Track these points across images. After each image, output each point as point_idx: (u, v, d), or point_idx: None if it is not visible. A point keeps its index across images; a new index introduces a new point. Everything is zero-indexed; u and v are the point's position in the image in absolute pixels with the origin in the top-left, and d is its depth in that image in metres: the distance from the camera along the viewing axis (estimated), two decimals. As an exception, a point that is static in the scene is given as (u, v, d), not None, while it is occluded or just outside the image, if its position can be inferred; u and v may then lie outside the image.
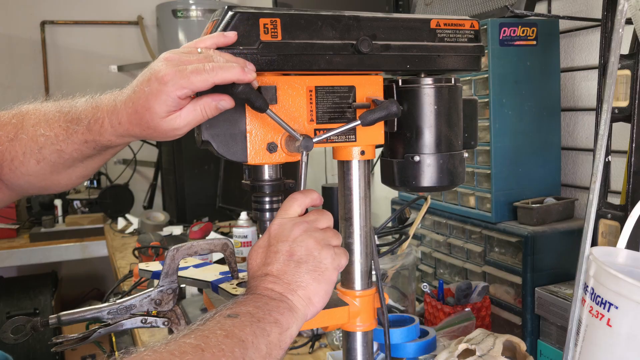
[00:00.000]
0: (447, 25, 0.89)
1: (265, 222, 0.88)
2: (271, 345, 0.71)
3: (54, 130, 0.87)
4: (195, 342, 0.65)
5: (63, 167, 0.91)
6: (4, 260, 3.18)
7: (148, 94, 0.76)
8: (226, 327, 0.69)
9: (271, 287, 0.78)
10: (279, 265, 0.79)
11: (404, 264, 1.51)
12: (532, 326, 1.36)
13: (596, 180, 0.91)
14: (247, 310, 0.73)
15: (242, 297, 0.77)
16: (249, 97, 0.76)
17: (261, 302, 0.75)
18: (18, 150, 0.90)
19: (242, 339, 0.68)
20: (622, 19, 0.92)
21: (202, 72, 0.73)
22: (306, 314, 0.78)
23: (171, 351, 0.63)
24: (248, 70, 0.75)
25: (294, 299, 0.77)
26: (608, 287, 0.78)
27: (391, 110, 0.82)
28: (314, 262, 0.80)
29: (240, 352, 0.66)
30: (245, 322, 0.70)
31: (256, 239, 2.03)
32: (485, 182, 1.47)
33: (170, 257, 0.90)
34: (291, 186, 0.88)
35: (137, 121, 0.78)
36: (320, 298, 0.80)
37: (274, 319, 0.73)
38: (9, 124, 0.93)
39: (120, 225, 3.19)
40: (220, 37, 0.77)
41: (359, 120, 0.83)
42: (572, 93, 1.55)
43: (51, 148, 0.88)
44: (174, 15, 3.81)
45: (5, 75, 4.09)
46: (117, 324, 0.87)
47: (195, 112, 0.77)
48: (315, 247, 0.80)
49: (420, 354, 1.18)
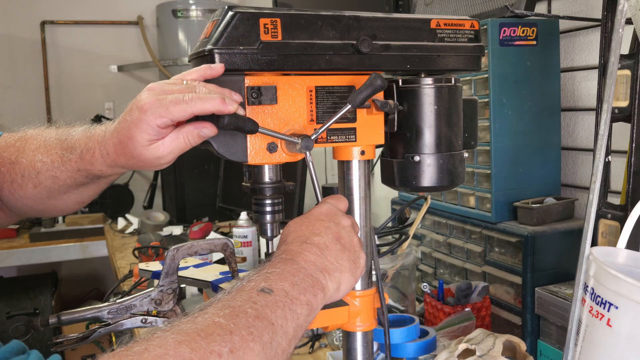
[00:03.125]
0: (447, 25, 0.89)
1: (266, 225, 0.87)
2: (298, 327, 0.71)
3: (50, 157, 0.90)
4: (224, 322, 0.63)
5: (58, 193, 0.93)
6: (4, 260, 3.18)
7: (130, 123, 0.77)
8: (258, 306, 0.67)
9: (313, 260, 0.77)
10: (326, 240, 0.80)
11: (404, 264, 1.51)
12: (532, 326, 1.36)
13: (596, 180, 0.91)
14: (282, 288, 0.71)
15: (280, 263, 0.75)
16: (236, 127, 0.77)
17: (298, 277, 0.74)
18: (17, 173, 0.93)
19: (273, 322, 0.67)
20: (622, 19, 0.92)
21: (180, 102, 0.74)
22: (332, 297, 0.78)
23: (198, 332, 0.61)
24: (229, 102, 0.75)
25: (329, 279, 0.77)
26: (608, 287, 0.78)
27: (376, 84, 0.81)
28: (355, 255, 0.81)
29: (268, 337, 0.65)
30: (278, 302, 0.69)
31: (256, 239, 2.04)
32: (485, 182, 1.47)
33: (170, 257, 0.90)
34: (291, 188, 0.88)
35: (122, 151, 0.80)
36: (347, 288, 0.80)
37: (307, 301, 0.72)
38: (13, 146, 0.96)
39: (120, 225, 3.19)
40: (207, 70, 0.79)
41: (348, 104, 0.82)
42: (572, 93, 1.55)
43: (47, 174, 0.90)
44: (174, 15, 3.81)
45: (5, 75, 4.09)
46: (117, 324, 0.87)
47: (178, 140, 0.78)
48: (357, 245, 0.83)
49: (420, 354, 1.18)
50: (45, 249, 3.24)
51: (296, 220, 0.83)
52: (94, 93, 4.27)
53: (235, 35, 0.78)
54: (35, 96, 4.16)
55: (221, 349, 0.59)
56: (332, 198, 0.87)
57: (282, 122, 0.83)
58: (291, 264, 0.76)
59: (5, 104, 4.09)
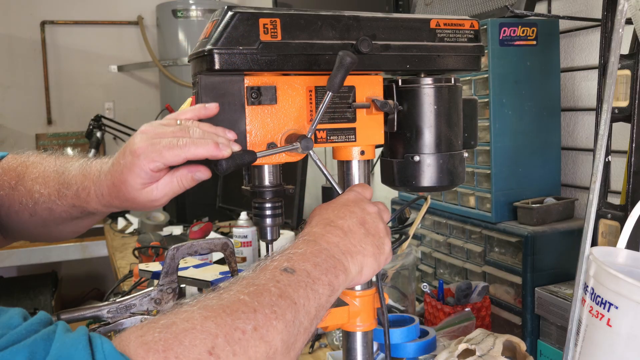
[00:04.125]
0: (447, 25, 0.89)
1: (266, 228, 0.87)
2: (320, 307, 0.71)
3: (48, 189, 0.89)
4: (248, 300, 0.64)
5: (54, 224, 0.94)
6: (4, 260, 3.18)
7: (123, 167, 0.77)
8: (281, 285, 0.68)
9: (336, 242, 0.77)
10: (350, 224, 0.80)
11: (404, 264, 1.51)
12: (532, 326, 1.35)
13: (596, 180, 0.91)
14: (304, 268, 0.72)
15: (303, 245, 0.76)
16: (236, 167, 0.76)
17: (320, 258, 0.74)
18: (16, 200, 0.93)
19: (295, 301, 0.67)
20: (622, 19, 0.92)
21: (174, 147, 0.74)
22: (354, 280, 0.78)
23: (223, 308, 0.62)
24: (222, 146, 0.75)
25: (351, 261, 0.77)
26: (608, 287, 0.78)
27: (346, 62, 0.78)
28: (379, 241, 0.81)
29: (291, 315, 0.66)
30: (300, 282, 0.70)
31: (256, 239, 2.04)
32: (485, 182, 1.47)
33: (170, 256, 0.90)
34: (291, 192, 0.88)
35: (116, 194, 0.80)
36: (369, 272, 0.80)
37: (328, 281, 0.73)
38: (14, 170, 0.95)
39: (120, 225, 3.18)
40: (202, 110, 0.78)
41: (328, 91, 0.80)
42: (572, 93, 1.55)
43: (43, 205, 0.90)
44: (174, 15, 3.81)
45: (5, 75, 4.09)
46: (117, 323, 0.87)
47: (172, 184, 0.78)
48: (383, 231, 0.83)
49: (420, 354, 1.18)
50: (45, 249, 3.24)
51: (322, 206, 0.84)
52: (94, 93, 4.27)
53: (235, 35, 0.78)
54: (35, 96, 4.16)
55: (245, 326, 0.61)
56: (358, 186, 0.88)
57: (282, 122, 0.83)
58: (313, 245, 0.76)
59: (5, 104, 4.09)
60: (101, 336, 0.56)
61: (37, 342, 0.52)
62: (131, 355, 0.55)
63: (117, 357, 0.54)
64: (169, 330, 0.57)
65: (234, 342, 0.59)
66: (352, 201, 0.83)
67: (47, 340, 0.53)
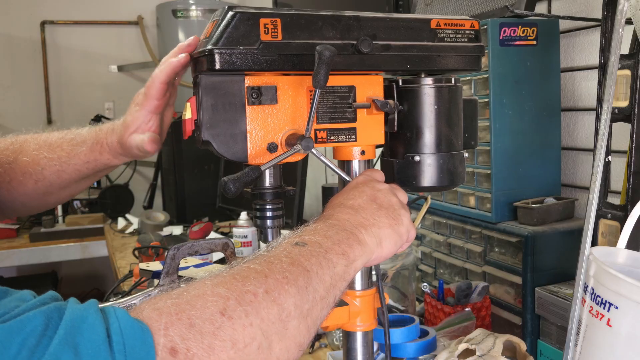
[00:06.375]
0: (447, 25, 0.89)
1: (267, 230, 0.87)
2: (336, 277, 0.70)
3: (56, 154, 1.00)
4: (259, 268, 0.64)
5: (57, 189, 1.03)
6: (4, 260, 3.18)
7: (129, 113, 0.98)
8: (292, 255, 0.68)
9: (346, 218, 0.77)
10: (360, 202, 0.79)
11: (404, 264, 1.51)
12: (532, 326, 1.36)
13: (596, 180, 0.91)
14: (315, 240, 0.71)
15: (313, 224, 0.76)
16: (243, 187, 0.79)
17: (331, 232, 0.74)
18: (17, 172, 1.01)
19: (307, 268, 0.67)
20: (622, 19, 0.92)
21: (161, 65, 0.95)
22: (374, 252, 0.77)
23: (234, 275, 0.63)
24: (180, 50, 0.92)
25: (366, 233, 0.76)
26: (608, 287, 0.78)
27: (324, 56, 0.76)
28: (393, 212, 0.80)
29: (304, 281, 0.66)
30: (312, 251, 0.70)
31: (256, 239, 2.04)
32: (485, 182, 1.47)
33: (170, 256, 0.90)
34: (292, 193, 0.88)
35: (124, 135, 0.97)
36: (391, 244, 0.79)
37: (342, 251, 0.72)
38: (8, 149, 1.04)
39: (120, 225, 3.18)
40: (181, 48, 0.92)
41: (315, 88, 0.79)
42: (572, 93, 1.55)
43: (52, 169, 1.00)
44: (174, 15, 3.81)
45: (5, 75, 4.09)
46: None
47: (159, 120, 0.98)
48: (397, 203, 0.82)
49: (420, 354, 1.18)
50: (45, 249, 3.23)
51: (336, 194, 0.85)
52: (94, 93, 4.27)
53: (235, 35, 0.78)
54: (35, 96, 4.16)
55: (256, 289, 0.62)
56: (367, 170, 0.88)
57: (282, 122, 0.83)
58: (323, 222, 0.76)
59: (5, 104, 4.09)
60: (114, 306, 0.58)
61: (51, 309, 0.55)
62: (144, 319, 0.56)
63: (129, 320, 0.55)
64: (181, 297, 0.59)
65: (246, 303, 0.60)
66: (362, 182, 0.83)
67: (61, 308, 0.55)
